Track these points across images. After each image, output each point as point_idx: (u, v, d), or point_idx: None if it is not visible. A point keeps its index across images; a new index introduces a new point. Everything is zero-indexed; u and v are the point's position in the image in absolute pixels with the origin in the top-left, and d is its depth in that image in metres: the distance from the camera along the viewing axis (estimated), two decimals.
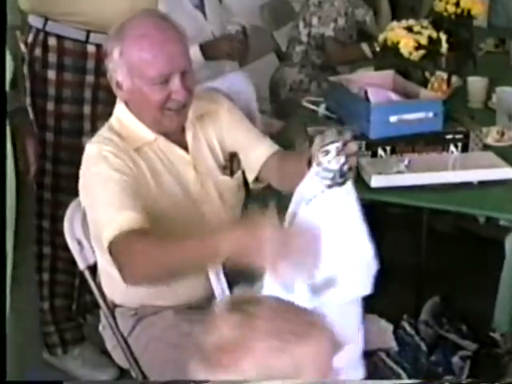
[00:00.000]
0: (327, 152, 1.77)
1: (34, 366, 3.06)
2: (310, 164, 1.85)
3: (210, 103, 2.33)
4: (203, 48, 3.32)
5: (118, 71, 2.10)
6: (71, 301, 3.09)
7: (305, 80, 4.13)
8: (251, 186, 2.37)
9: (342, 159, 1.77)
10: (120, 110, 2.19)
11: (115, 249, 1.95)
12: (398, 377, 2.63)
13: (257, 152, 2.31)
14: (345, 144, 1.79)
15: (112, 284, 2.30)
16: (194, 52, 3.14)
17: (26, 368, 2.98)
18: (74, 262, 2.33)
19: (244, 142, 2.33)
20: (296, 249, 1.70)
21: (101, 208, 2.02)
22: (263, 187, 2.39)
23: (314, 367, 1.19)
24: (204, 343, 1.22)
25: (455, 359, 2.72)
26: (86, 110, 2.83)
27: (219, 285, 2.17)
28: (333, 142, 1.78)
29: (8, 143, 2.44)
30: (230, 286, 2.17)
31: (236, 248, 1.74)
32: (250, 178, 2.35)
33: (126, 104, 2.17)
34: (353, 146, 1.84)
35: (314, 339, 1.19)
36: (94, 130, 2.70)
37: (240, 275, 2.19)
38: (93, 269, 2.33)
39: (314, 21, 4.10)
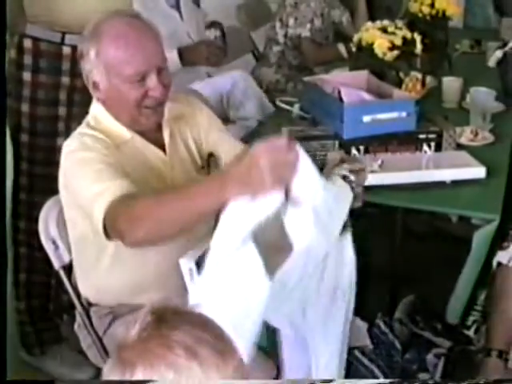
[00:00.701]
0: None
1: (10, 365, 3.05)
2: None
3: (186, 106, 2.34)
4: (181, 53, 3.33)
5: (94, 71, 2.11)
6: (48, 301, 3.09)
7: (281, 80, 4.15)
8: None
9: None
10: (96, 109, 2.20)
11: (111, 217, 1.92)
12: (372, 374, 2.65)
13: (231, 152, 2.33)
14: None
15: (87, 283, 2.31)
16: (172, 57, 3.14)
17: None
18: (50, 262, 2.33)
19: (222, 144, 2.34)
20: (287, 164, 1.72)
21: (88, 187, 2.00)
22: None
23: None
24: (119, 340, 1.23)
25: (429, 357, 2.73)
26: (61, 111, 2.84)
27: (192, 283, 2.18)
28: None
29: None
30: None
31: (239, 181, 1.72)
32: None
33: (103, 103, 2.18)
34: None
35: (220, 366, 1.19)
36: (68, 131, 2.71)
37: None
38: (68, 268, 2.34)
39: (291, 21, 4.11)
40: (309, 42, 4.10)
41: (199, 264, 2.14)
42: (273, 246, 1.84)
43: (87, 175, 2.02)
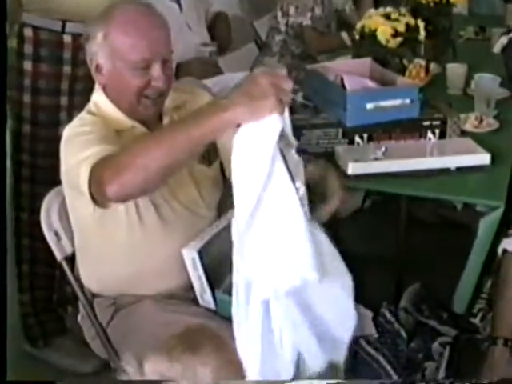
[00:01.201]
0: None
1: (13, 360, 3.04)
2: None
3: (188, 93, 2.34)
4: (176, 68, 3.30)
5: (99, 54, 2.12)
6: (51, 292, 3.09)
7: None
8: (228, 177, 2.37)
9: None
10: (98, 97, 2.20)
11: (95, 177, 1.85)
12: (378, 363, 2.64)
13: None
14: None
15: (89, 274, 2.31)
16: None
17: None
18: (53, 253, 2.32)
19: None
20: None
21: (75, 156, 1.97)
22: None
23: None
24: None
25: (435, 345, 2.72)
26: (63, 101, 2.83)
27: (196, 273, 2.17)
28: None
29: None
30: (208, 276, 2.17)
31: (241, 101, 1.67)
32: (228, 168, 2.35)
33: (104, 90, 2.18)
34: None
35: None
36: (70, 121, 2.69)
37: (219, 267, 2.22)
38: (70, 259, 2.33)
39: (291, 10, 4.10)
40: (310, 30, 4.09)
41: (201, 254, 2.14)
42: None
43: (75, 146, 2.01)
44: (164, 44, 2.13)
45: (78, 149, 1.98)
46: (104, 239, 2.19)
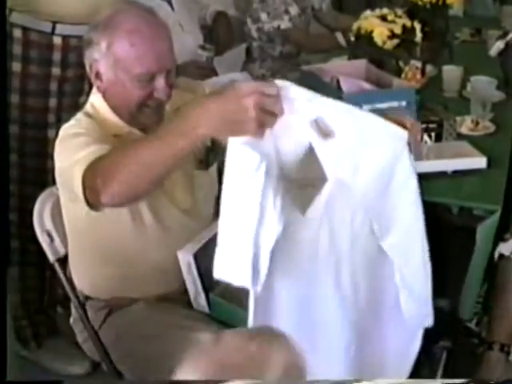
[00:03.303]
0: None
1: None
2: None
3: (187, 91, 2.29)
4: None
5: (101, 62, 2.06)
6: (43, 294, 3.07)
7: (267, 74, 4.02)
8: None
9: None
10: (96, 99, 2.16)
11: (88, 181, 1.83)
12: None
13: None
14: None
15: (82, 276, 2.29)
16: None
17: None
18: (43, 255, 2.30)
19: None
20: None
21: (68, 157, 1.94)
22: None
23: None
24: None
25: (434, 349, 2.72)
26: (52, 102, 2.80)
27: (190, 276, 2.16)
28: None
29: None
30: (203, 280, 2.16)
31: (220, 118, 1.59)
32: None
33: (103, 94, 2.13)
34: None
35: None
36: (59, 122, 2.70)
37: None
38: (63, 261, 2.31)
39: (263, 16, 3.97)
40: (296, 31, 4.01)
41: (197, 257, 2.12)
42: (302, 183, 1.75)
43: (70, 147, 1.98)
44: (169, 55, 2.09)
45: (72, 150, 1.95)
46: (98, 241, 2.16)
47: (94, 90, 2.17)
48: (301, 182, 1.74)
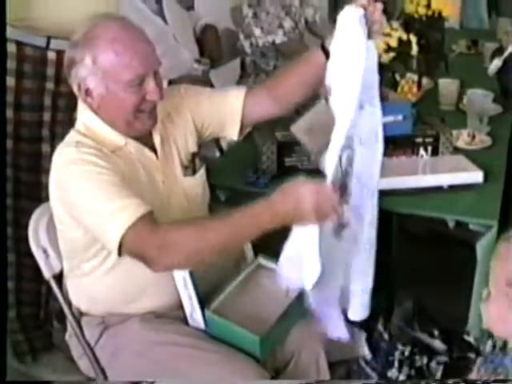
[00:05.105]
0: None
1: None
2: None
3: (169, 101, 2.27)
4: (168, 84, 3.27)
5: (89, 78, 2.05)
6: (39, 308, 3.06)
7: None
8: (237, 138, 2.42)
9: None
10: (87, 117, 2.14)
11: (133, 240, 1.94)
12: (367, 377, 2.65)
13: (229, 102, 2.35)
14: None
15: (78, 292, 2.28)
16: None
17: None
18: (39, 269, 2.30)
19: (213, 106, 2.35)
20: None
21: (97, 203, 1.97)
22: None
23: None
24: None
25: (432, 364, 2.72)
26: (46, 116, 2.80)
27: (186, 292, 2.15)
28: None
29: None
30: (199, 295, 2.15)
31: (285, 215, 1.90)
32: (235, 132, 2.39)
33: (96, 111, 2.12)
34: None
35: None
36: (53, 137, 2.73)
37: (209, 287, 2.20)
38: (58, 277, 2.31)
39: (257, 32, 3.98)
40: (290, 45, 4.00)
41: (192, 273, 2.11)
42: None
43: (94, 191, 1.98)
44: (152, 56, 2.10)
45: (97, 192, 1.98)
46: (93, 259, 2.15)
47: (81, 109, 2.16)
48: None
